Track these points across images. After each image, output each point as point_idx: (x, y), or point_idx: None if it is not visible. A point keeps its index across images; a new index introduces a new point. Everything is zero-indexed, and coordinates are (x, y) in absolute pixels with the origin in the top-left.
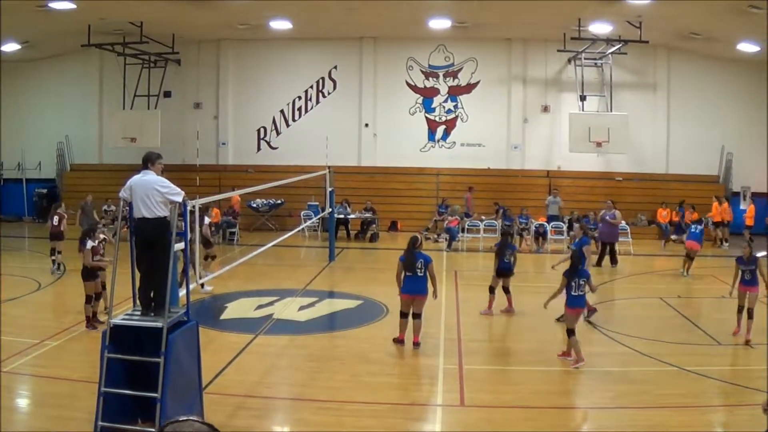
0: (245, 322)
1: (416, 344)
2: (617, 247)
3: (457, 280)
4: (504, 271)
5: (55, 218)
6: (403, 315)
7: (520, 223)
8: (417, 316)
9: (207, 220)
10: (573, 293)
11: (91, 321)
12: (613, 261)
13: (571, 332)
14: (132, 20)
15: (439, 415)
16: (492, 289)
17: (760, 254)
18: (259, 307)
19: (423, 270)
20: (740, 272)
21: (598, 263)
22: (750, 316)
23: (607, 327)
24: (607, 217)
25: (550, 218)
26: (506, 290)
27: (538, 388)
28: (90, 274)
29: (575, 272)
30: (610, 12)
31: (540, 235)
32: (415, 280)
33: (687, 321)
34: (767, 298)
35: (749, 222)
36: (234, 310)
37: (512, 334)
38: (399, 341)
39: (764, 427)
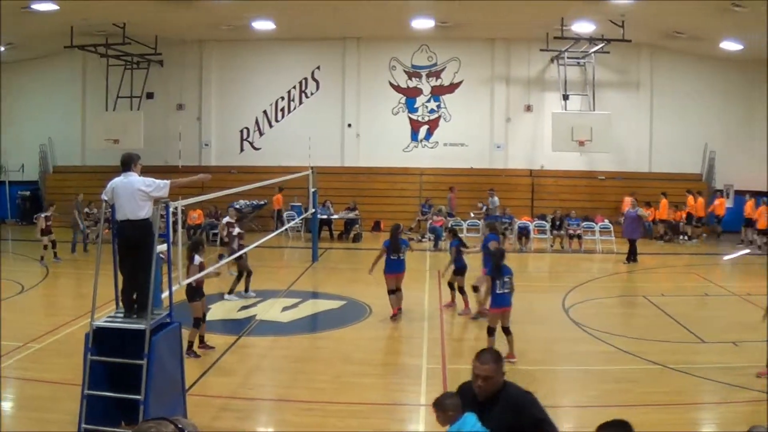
0: (228, 323)
1: (399, 310)
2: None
3: (440, 280)
4: (460, 269)
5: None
6: (392, 292)
7: (502, 223)
8: (398, 289)
9: (225, 219)
10: (497, 291)
11: None
12: (632, 258)
13: (489, 331)
14: (115, 21)
15: (422, 415)
16: (460, 290)
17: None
18: (243, 308)
19: (404, 253)
20: None
21: (633, 260)
22: None
23: (590, 325)
24: (631, 215)
25: (490, 218)
26: (461, 290)
27: (522, 387)
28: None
29: (499, 270)
30: (593, 11)
31: (523, 234)
32: (399, 262)
33: (671, 319)
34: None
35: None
36: (217, 312)
37: (497, 333)
38: (395, 315)
39: (747, 426)
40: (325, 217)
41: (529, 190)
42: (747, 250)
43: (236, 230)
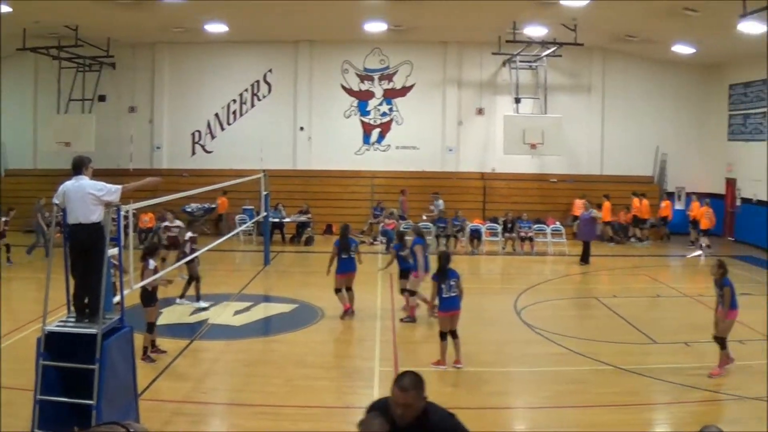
0: (180, 327)
1: (352, 311)
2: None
3: (392, 283)
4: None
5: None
6: (339, 291)
7: (454, 225)
8: (350, 289)
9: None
10: (444, 295)
11: None
12: (587, 258)
13: (441, 336)
14: (67, 24)
15: None
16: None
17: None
18: (194, 312)
19: (354, 252)
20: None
21: (582, 261)
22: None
23: (542, 327)
24: (586, 216)
25: (436, 221)
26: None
27: (475, 390)
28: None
29: (444, 274)
30: (545, 15)
31: (475, 237)
32: (349, 261)
33: (623, 320)
34: None
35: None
36: (169, 316)
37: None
38: (347, 312)
39: (699, 425)
40: (277, 220)
41: (481, 193)
42: (700, 252)
43: (188, 234)
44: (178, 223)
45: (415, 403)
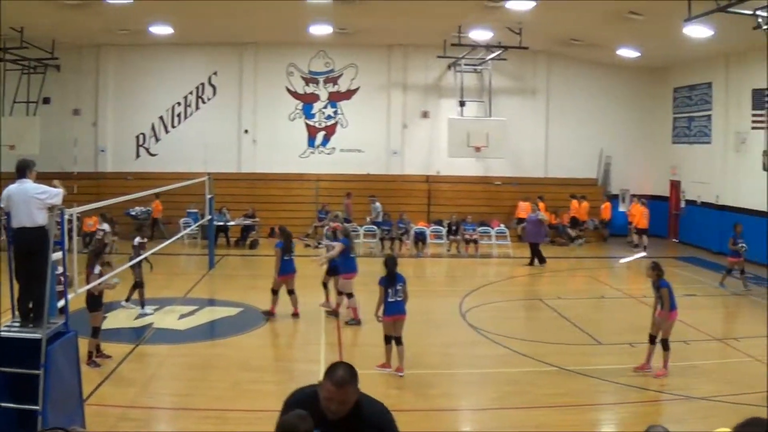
0: (125, 331)
1: (296, 315)
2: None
3: (337, 286)
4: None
5: None
6: (276, 292)
7: (399, 228)
8: (292, 292)
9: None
10: (389, 300)
11: None
12: (541, 260)
13: (386, 339)
14: (12, 25)
15: None
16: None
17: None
18: (139, 316)
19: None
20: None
21: (530, 263)
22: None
23: (487, 329)
24: (533, 218)
25: (375, 224)
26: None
27: (420, 391)
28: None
29: (392, 278)
30: (490, 18)
31: (419, 239)
32: (291, 263)
33: (567, 321)
34: None
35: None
36: (113, 320)
37: None
38: (271, 313)
39: (645, 425)
40: (221, 223)
41: (426, 196)
42: (644, 253)
43: (137, 239)
44: (104, 226)
45: (351, 397)
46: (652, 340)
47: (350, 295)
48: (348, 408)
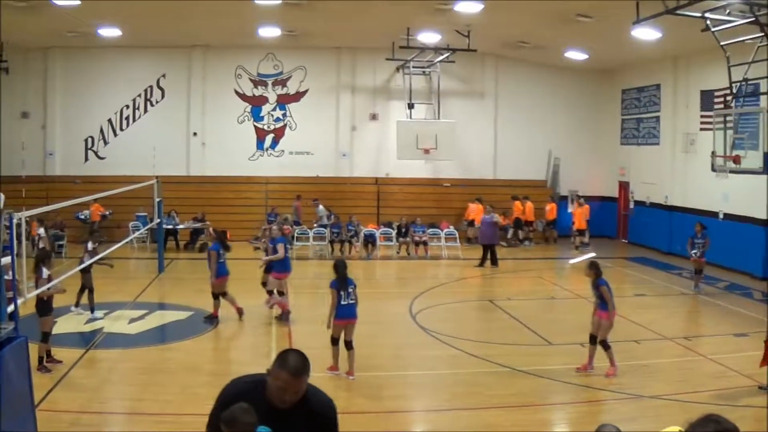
0: (75, 336)
1: (240, 311)
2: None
3: (287, 288)
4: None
5: None
6: (217, 296)
7: (348, 230)
8: (225, 294)
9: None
10: (342, 303)
11: None
12: (494, 262)
13: (334, 341)
14: None
15: None
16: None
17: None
18: (89, 320)
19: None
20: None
21: (481, 264)
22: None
23: (438, 330)
24: (487, 220)
25: (321, 226)
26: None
27: (372, 394)
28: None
29: (344, 282)
30: (438, 21)
31: (369, 242)
32: (226, 264)
33: (518, 322)
34: None
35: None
36: (64, 325)
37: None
38: (214, 317)
39: (594, 425)
40: (170, 227)
41: (375, 198)
42: (593, 254)
43: (89, 245)
44: (40, 231)
45: (305, 386)
46: (592, 340)
47: (280, 293)
48: (299, 397)
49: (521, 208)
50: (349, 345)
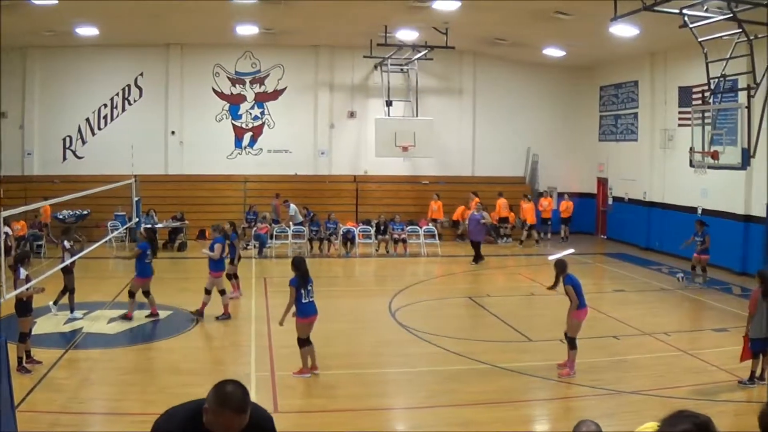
0: (55, 337)
1: (154, 314)
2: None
3: (266, 287)
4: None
5: None
6: (132, 295)
7: (327, 228)
8: (148, 293)
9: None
10: (303, 301)
11: None
12: (477, 258)
13: (302, 342)
14: None
15: None
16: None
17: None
18: (69, 321)
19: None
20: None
21: (475, 261)
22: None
23: (417, 327)
24: (476, 218)
25: (297, 224)
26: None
27: (351, 392)
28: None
29: (304, 279)
30: (416, 19)
31: (348, 239)
32: (149, 266)
33: (497, 319)
34: None
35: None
36: (43, 325)
37: (323, 339)
38: (128, 318)
39: (574, 421)
40: (149, 226)
41: (354, 196)
42: (572, 250)
43: (67, 243)
44: (6, 229)
45: (247, 419)
46: (567, 340)
47: (215, 293)
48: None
49: (504, 204)
50: (308, 341)
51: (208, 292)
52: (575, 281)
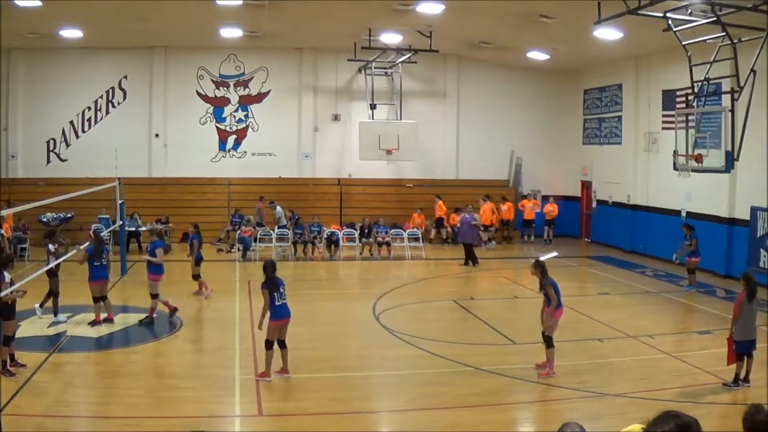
0: (39, 340)
1: (110, 320)
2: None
3: (250, 290)
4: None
5: None
6: (97, 300)
7: (311, 231)
8: (105, 298)
9: None
10: (276, 303)
11: None
12: (474, 261)
13: (268, 345)
14: None
15: (237, 426)
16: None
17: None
18: (53, 324)
19: (107, 259)
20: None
21: (465, 263)
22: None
23: (401, 330)
24: (468, 220)
25: (281, 227)
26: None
27: (336, 395)
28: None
29: (274, 282)
30: (400, 22)
31: (332, 242)
32: (103, 269)
33: (481, 322)
34: None
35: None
36: (27, 328)
37: (308, 341)
38: (97, 322)
39: (558, 424)
40: (133, 229)
41: (338, 199)
42: (555, 253)
43: (52, 246)
44: None
45: None
46: (544, 340)
47: (155, 296)
48: None
49: (493, 208)
50: (282, 344)
51: (154, 296)
52: (554, 282)
